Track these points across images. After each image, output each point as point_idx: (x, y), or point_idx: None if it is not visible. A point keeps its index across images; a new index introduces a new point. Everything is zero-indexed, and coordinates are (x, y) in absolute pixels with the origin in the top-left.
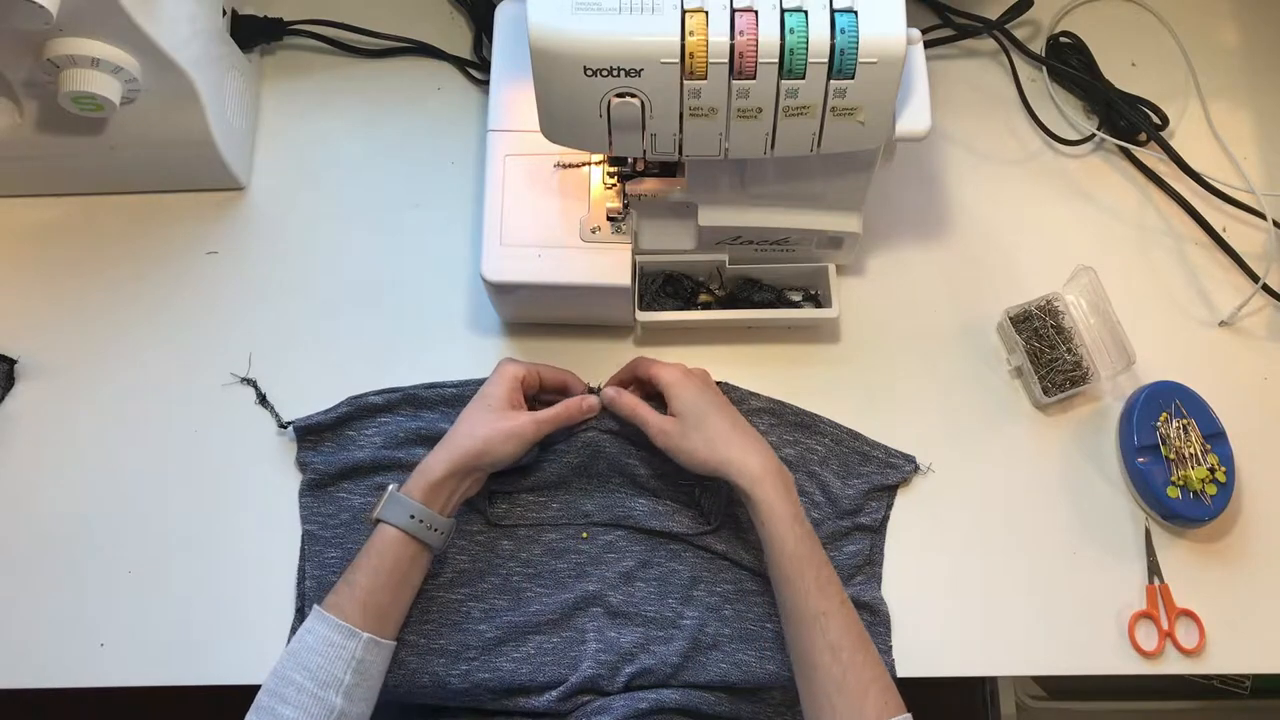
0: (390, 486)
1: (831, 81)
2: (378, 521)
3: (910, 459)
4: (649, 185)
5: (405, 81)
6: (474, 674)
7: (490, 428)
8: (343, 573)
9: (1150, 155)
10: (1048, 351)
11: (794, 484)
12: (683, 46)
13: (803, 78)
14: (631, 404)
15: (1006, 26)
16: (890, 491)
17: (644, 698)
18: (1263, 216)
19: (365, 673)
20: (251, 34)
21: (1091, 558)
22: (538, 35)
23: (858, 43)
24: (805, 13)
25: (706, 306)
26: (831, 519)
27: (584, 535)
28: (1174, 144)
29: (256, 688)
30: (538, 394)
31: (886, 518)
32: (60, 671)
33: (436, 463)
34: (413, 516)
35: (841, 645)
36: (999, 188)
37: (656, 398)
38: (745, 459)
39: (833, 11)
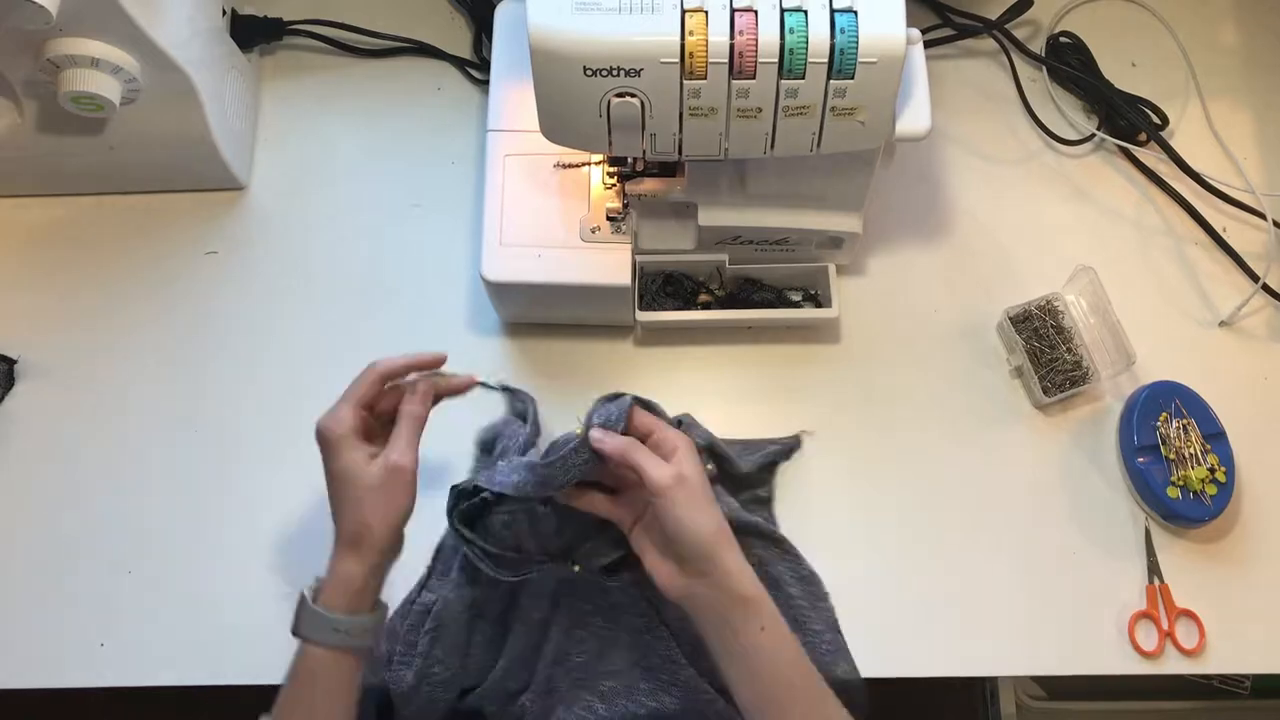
0: (303, 593)
1: (831, 81)
2: (303, 637)
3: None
4: (649, 185)
5: (405, 81)
6: None
7: (375, 508)
8: (278, 701)
9: (1150, 155)
10: (1048, 351)
11: None
12: (682, 46)
13: (802, 78)
14: (629, 448)
15: (1006, 26)
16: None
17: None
18: (1263, 216)
19: None
20: (251, 34)
21: (1091, 558)
22: (538, 35)
23: (858, 43)
24: (805, 13)
25: (706, 306)
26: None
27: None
28: (1174, 144)
29: (257, 688)
30: (376, 406)
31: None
32: (60, 671)
33: (352, 568)
34: (337, 630)
35: None
36: (999, 188)
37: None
38: (743, 579)
39: (832, 11)
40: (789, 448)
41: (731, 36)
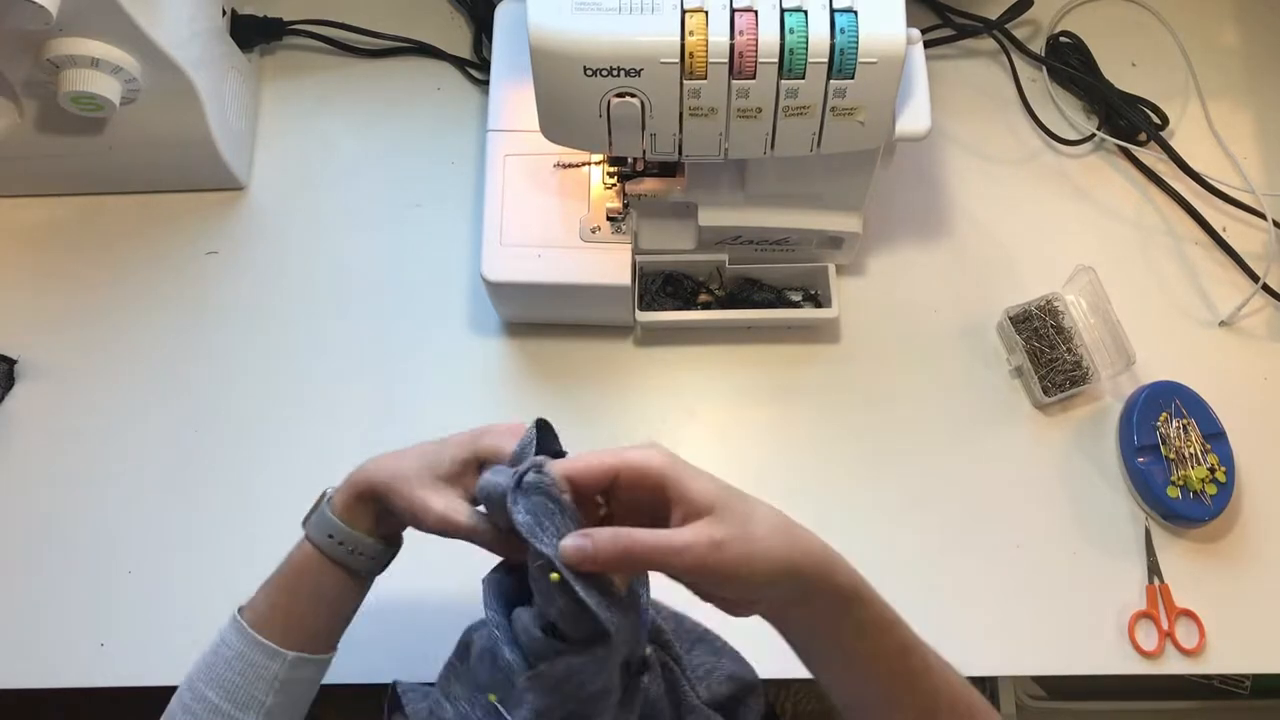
0: (326, 491)
1: (831, 81)
2: (306, 533)
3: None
4: (649, 185)
5: (405, 81)
6: None
7: (404, 479)
8: (268, 580)
9: (1150, 155)
10: (1048, 351)
11: None
12: (682, 46)
13: (802, 78)
14: (627, 538)
15: (1006, 26)
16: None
17: None
18: (1263, 216)
19: (291, 691)
20: (251, 34)
21: (1091, 558)
22: (538, 35)
23: (858, 43)
24: (805, 13)
25: (706, 306)
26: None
27: None
28: (1174, 144)
29: None
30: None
31: None
32: (60, 671)
33: (359, 473)
34: (331, 536)
35: (991, 711)
36: (999, 188)
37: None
38: (825, 547)
39: (832, 11)
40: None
41: (731, 36)
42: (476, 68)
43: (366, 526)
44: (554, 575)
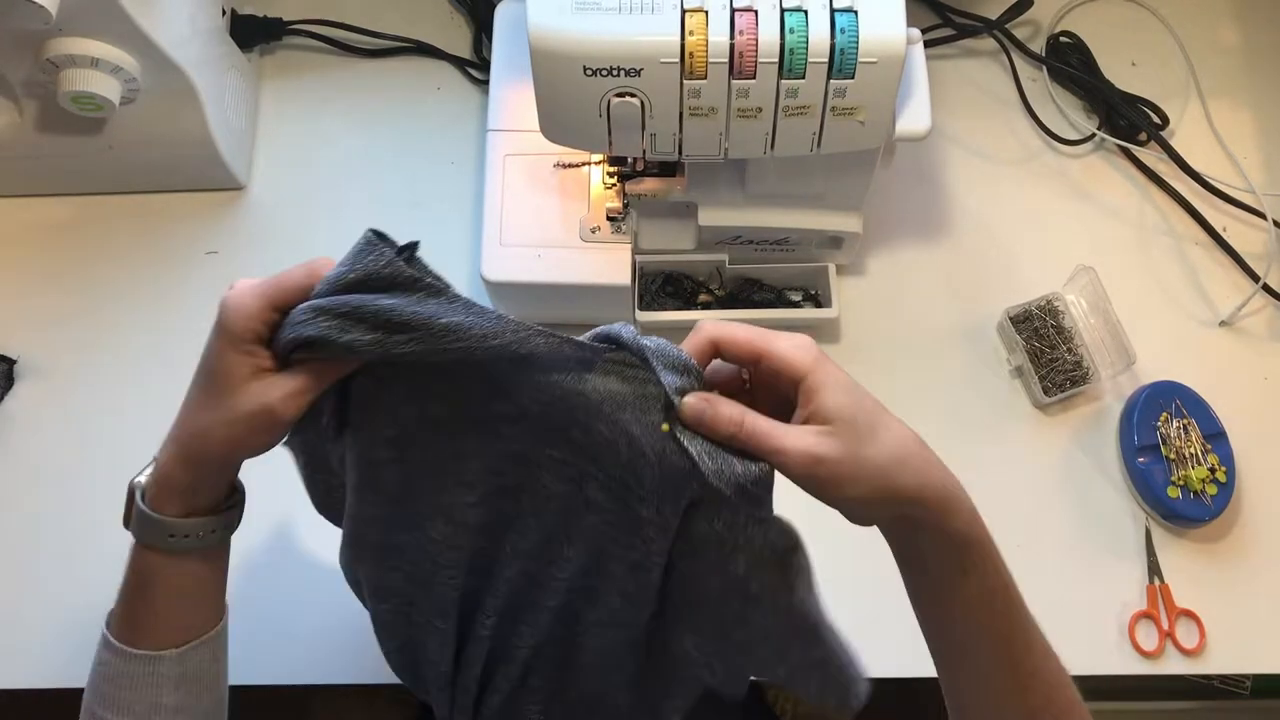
0: (132, 486)
1: (831, 81)
2: (135, 538)
3: None
4: (649, 185)
5: (405, 81)
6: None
7: (224, 434)
8: (116, 609)
9: (1150, 155)
10: (1048, 351)
11: None
12: (682, 46)
13: (803, 77)
14: (740, 421)
15: (1006, 26)
16: None
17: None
18: (1263, 216)
19: (193, 679)
20: (251, 34)
21: (1091, 558)
22: (538, 35)
23: (858, 43)
24: (805, 12)
25: (706, 306)
26: None
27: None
28: (1174, 144)
29: (257, 688)
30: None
31: None
32: (60, 671)
33: (177, 473)
34: (172, 536)
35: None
36: (999, 188)
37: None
38: (958, 487)
39: (833, 11)
40: None
41: (731, 36)
42: (476, 68)
43: (209, 505)
44: (664, 426)
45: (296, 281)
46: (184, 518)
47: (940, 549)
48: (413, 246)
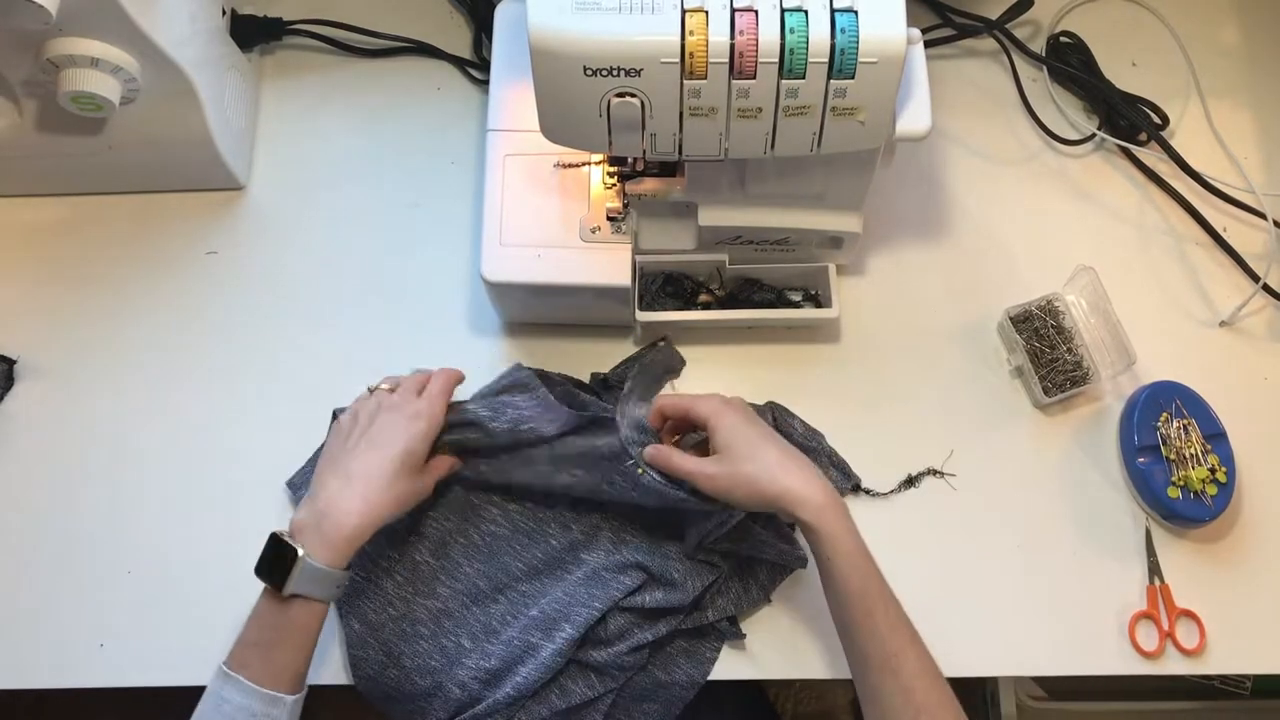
0: (301, 555)
1: (831, 81)
2: (291, 594)
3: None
4: (649, 185)
5: (405, 81)
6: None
7: (410, 495)
8: (246, 632)
9: (1150, 155)
10: (1048, 351)
11: (849, 512)
12: (683, 46)
13: (803, 78)
14: (669, 460)
15: (1006, 26)
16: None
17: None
18: (1263, 216)
19: None
20: (251, 34)
21: (1091, 558)
22: (538, 35)
23: (858, 43)
24: (805, 12)
25: (706, 306)
26: None
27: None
28: (1174, 144)
29: None
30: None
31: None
32: (60, 671)
33: (351, 523)
34: (339, 587)
35: (914, 687)
36: (999, 188)
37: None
38: (806, 488)
39: (833, 11)
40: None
41: (732, 36)
42: (476, 68)
43: (348, 563)
44: (640, 469)
45: (443, 390)
46: (345, 571)
47: (808, 538)
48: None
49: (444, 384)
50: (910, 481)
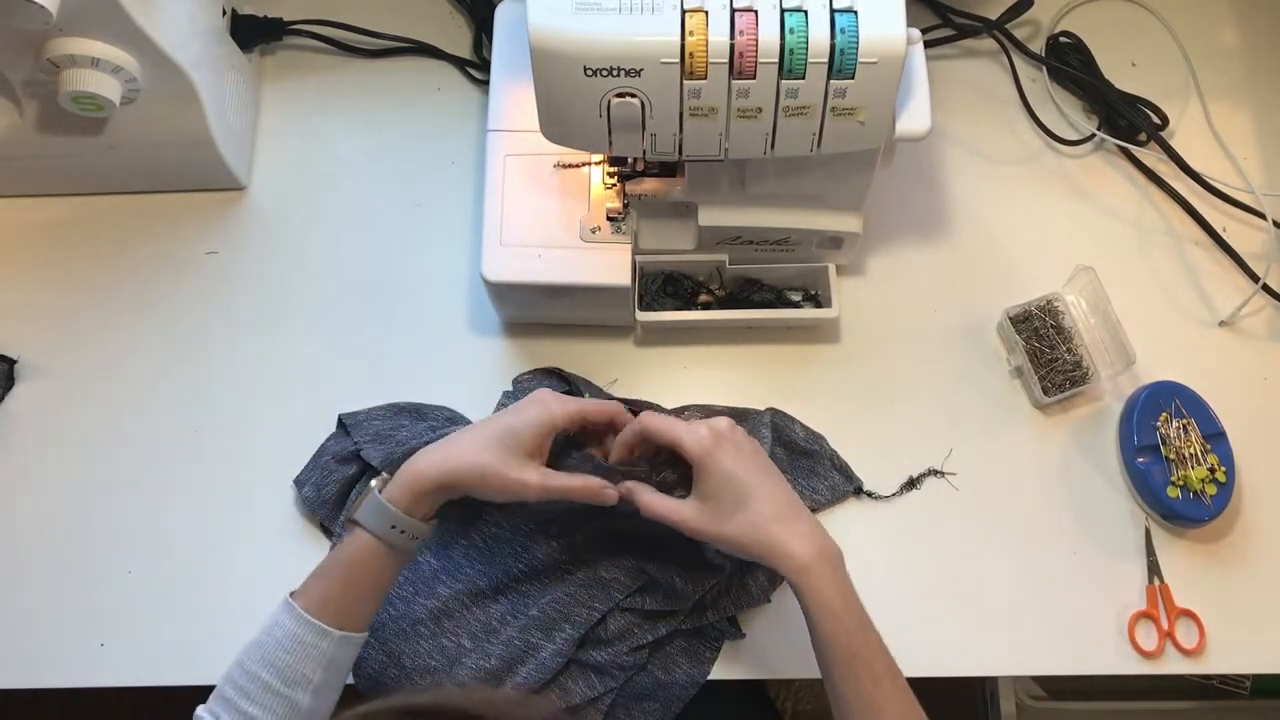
0: (372, 485)
1: (831, 81)
2: (354, 522)
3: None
4: (649, 185)
5: (405, 81)
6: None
7: (496, 469)
8: (319, 565)
9: (1150, 155)
10: (1048, 351)
11: (843, 561)
12: (683, 46)
13: (803, 78)
14: (642, 499)
15: (1006, 26)
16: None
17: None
18: (1263, 216)
19: (336, 669)
20: (251, 34)
21: (1091, 558)
22: (538, 35)
23: (858, 43)
24: (805, 13)
25: (706, 306)
26: None
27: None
28: (1174, 144)
29: None
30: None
31: None
32: (60, 671)
33: (428, 469)
34: (394, 526)
35: None
36: (999, 188)
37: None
38: (791, 544)
39: (833, 11)
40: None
41: (732, 36)
42: (476, 68)
43: (425, 513)
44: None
45: (600, 416)
46: (412, 517)
47: (791, 581)
48: None
49: (598, 402)
50: (912, 484)
